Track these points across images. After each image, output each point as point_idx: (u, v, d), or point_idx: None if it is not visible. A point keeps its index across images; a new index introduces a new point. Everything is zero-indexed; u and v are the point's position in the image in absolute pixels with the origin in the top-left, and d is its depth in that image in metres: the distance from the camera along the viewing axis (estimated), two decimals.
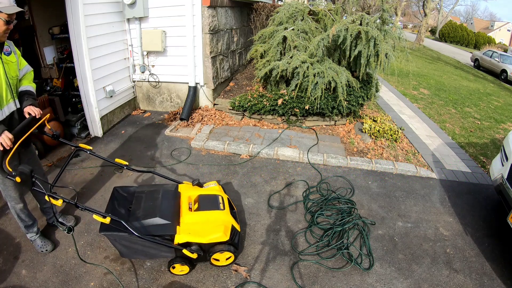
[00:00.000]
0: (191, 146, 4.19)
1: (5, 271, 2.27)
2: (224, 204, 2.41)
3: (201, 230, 2.20)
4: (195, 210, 2.33)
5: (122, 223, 1.99)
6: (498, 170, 3.07)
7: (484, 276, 2.47)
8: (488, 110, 7.16)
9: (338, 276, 2.38)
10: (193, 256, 2.17)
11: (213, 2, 4.62)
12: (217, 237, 2.18)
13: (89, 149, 2.30)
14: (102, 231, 2.09)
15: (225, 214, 2.32)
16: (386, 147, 4.30)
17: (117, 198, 2.34)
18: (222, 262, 2.36)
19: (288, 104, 4.56)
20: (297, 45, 4.73)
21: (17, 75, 2.19)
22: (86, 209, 1.98)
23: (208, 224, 2.24)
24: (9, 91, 2.08)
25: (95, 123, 4.25)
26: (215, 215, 2.29)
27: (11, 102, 2.10)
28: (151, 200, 2.29)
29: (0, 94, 2.02)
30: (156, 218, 2.14)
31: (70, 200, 1.98)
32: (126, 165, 2.43)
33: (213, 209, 2.32)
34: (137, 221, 2.12)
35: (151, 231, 2.11)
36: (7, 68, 2.06)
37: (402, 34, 4.90)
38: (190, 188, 2.56)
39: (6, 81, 2.04)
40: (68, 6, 3.68)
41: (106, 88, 4.41)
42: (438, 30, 32.20)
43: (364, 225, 2.90)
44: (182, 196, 2.44)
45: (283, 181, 3.54)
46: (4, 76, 2.02)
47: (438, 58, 17.89)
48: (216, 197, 2.47)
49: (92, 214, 1.95)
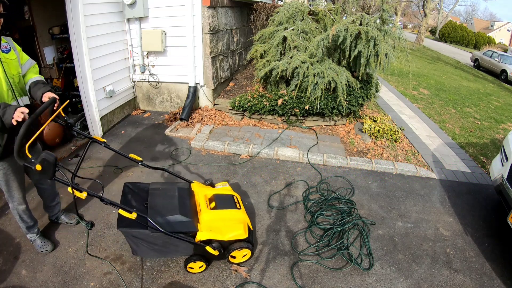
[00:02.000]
0: (191, 146, 4.19)
1: (5, 271, 2.27)
2: (239, 204, 2.48)
3: (222, 227, 2.24)
4: (212, 208, 2.36)
5: (147, 219, 1.97)
6: (498, 170, 3.07)
7: (484, 276, 2.47)
8: (488, 110, 7.16)
9: (338, 276, 2.38)
10: (215, 253, 2.19)
11: (213, 2, 4.62)
12: (237, 235, 2.24)
13: (103, 141, 2.25)
14: (121, 228, 2.05)
15: (242, 213, 2.41)
16: (386, 147, 4.30)
17: (130, 194, 2.32)
18: (239, 259, 2.40)
19: (288, 104, 4.56)
20: (297, 45, 4.73)
21: (19, 72, 2.09)
22: (111, 203, 1.93)
23: (227, 222, 2.29)
24: (11, 91, 2.00)
25: (95, 123, 4.25)
26: (233, 213, 2.35)
27: (13, 102, 2.02)
28: (168, 198, 2.29)
29: (1, 94, 1.94)
30: (178, 215, 2.14)
31: (95, 193, 1.92)
32: (141, 161, 2.42)
33: (230, 208, 2.38)
34: (160, 217, 2.10)
35: (174, 228, 2.09)
36: (7, 67, 1.97)
37: (402, 34, 4.90)
38: (203, 187, 2.60)
39: (7, 80, 1.96)
40: (68, 6, 3.68)
41: (106, 88, 4.41)
42: (438, 30, 32.21)
43: (364, 225, 2.90)
44: (196, 195, 2.47)
45: (283, 181, 3.54)
46: (3, 75, 1.94)
47: (438, 58, 17.89)
48: (231, 196, 2.53)
49: (117, 209, 1.92)
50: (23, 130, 1.70)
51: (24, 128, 1.70)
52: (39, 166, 1.71)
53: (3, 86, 1.94)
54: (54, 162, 1.75)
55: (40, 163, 1.71)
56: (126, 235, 2.13)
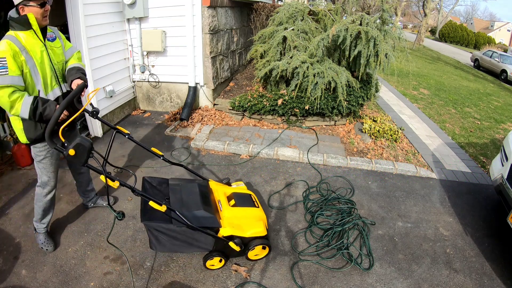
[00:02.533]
0: (191, 146, 4.19)
1: (5, 271, 2.27)
2: (257, 202, 2.53)
3: (242, 224, 2.30)
4: (232, 206, 2.40)
5: (176, 212, 1.99)
6: (498, 170, 3.07)
7: (484, 276, 2.47)
8: (488, 110, 7.16)
9: (338, 276, 2.38)
10: (237, 248, 2.23)
11: (213, 2, 4.62)
12: (258, 232, 2.32)
13: (127, 133, 2.29)
14: (145, 221, 2.06)
15: (261, 211, 2.47)
16: (386, 147, 4.30)
17: (150, 189, 2.33)
18: (257, 256, 2.44)
19: (288, 104, 4.56)
20: (297, 45, 4.73)
21: (63, 59, 2.27)
22: (142, 195, 1.94)
23: (248, 219, 2.35)
24: (54, 77, 2.17)
25: (95, 123, 4.25)
26: (253, 211, 2.41)
27: (56, 87, 2.18)
28: (189, 194, 2.31)
29: (45, 80, 2.10)
30: (201, 210, 2.16)
31: (127, 183, 1.90)
32: (162, 155, 2.45)
33: (250, 206, 2.44)
34: (186, 212, 2.11)
35: (199, 222, 2.11)
36: (52, 54, 2.14)
37: (402, 34, 4.90)
38: (220, 185, 2.64)
39: (51, 67, 2.13)
40: (68, 6, 3.68)
41: (106, 88, 4.41)
42: (438, 30, 32.20)
43: (364, 225, 2.90)
44: (215, 192, 2.52)
45: (283, 181, 3.54)
46: (48, 62, 2.11)
47: (438, 58, 17.89)
48: (249, 195, 2.59)
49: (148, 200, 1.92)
50: (55, 115, 1.76)
51: (58, 113, 1.77)
52: (73, 151, 1.68)
53: (48, 72, 2.12)
54: (89, 148, 1.73)
55: (74, 147, 1.69)
56: (148, 228, 2.13)
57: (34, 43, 2.03)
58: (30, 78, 2.03)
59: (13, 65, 1.91)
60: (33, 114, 1.98)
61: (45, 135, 1.71)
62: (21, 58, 1.95)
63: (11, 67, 1.91)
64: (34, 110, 1.97)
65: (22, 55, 1.96)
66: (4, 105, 1.94)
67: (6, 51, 1.89)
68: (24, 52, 1.97)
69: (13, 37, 1.96)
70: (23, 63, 1.97)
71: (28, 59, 1.99)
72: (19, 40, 1.96)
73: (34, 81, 2.06)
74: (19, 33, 1.98)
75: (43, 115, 2.00)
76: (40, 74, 2.07)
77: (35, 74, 2.05)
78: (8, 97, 1.90)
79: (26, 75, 2.00)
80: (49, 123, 1.72)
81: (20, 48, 1.95)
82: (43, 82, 2.09)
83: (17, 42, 1.95)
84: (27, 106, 1.95)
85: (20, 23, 1.97)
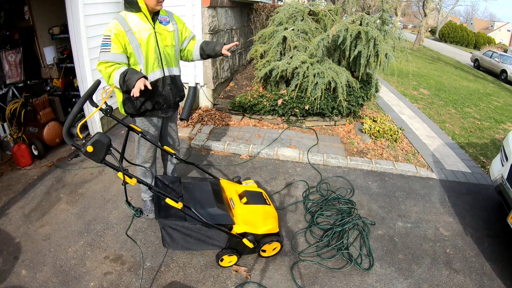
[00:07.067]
0: (191, 146, 4.19)
1: (5, 271, 2.27)
2: (268, 200, 2.55)
3: (255, 222, 2.31)
4: (244, 203, 2.42)
5: (192, 210, 2.00)
6: (498, 170, 3.07)
7: (484, 276, 2.47)
8: (488, 110, 7.16)
9: (338, 277, 2.38)
10: (250, 245, 2.25)
11: (213, 2, 4.62)
12: (270, 229, 2.33)
13: (140, 131, 2.36)
14: (160, 218, 2.08)
15: (272, 208, 2.50)
16: (386, 147, 4.30)
17: (162, 187, 2.36)
18: (269, 253, 2.46)
19: (288, 104, 4.56)
20: (297, 45, 4.73)
21: (173, 44, 2.31)
22: (160, 192, 1.96)
23: (260, 216, 2.36)
24: (158, 60, 2.23)
25: (95, 123, 4.25)
26: (265, 208, 2.44)
27: (157, 70, 2.25)
28: (202, 192, 2.34)
29: (147, 61, 2.18)
30: (215, 208, 2.18)
31: (144, 181, 1.91)
32: (174, 154, 2.49)
33: (261, 203, 2.46)
34: (201, 209, 2.13)
35: (214, 220, 2.13)
36: (160, 38, 2.20)
37: (402, 34, 4.91)
38: (231, 184, 2.66)
39: (157, 50, 2.19)
40: (68, 6, 3.68)
41: (106, 87, 4.40)
42: (438, 30, 32.20)
43: (364, 225, 2.90)
44: (227, 190, 2.55)
45: (283, 181, 3.54)
46: (155, 45, 2.18)
47: (438, 58, 17.90)
48: (260, 193, 2.61)
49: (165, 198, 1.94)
50: (74, 110, 1.71)
51: (77, 108, 1.72)
52: (91, 148, 1.64)
53: (151, 54, 2.18)
54: (108, 145, 1.71)
55: (92, 144, 1.65)
56: (163, 226, 2.13)
57: (143, 25, 2.11)
58: (133, 58, 2.14)
59: (116, 43, 2.03)
60: (123, 81, 2.04)
61: (63, 131, 1.68)
62: (125, 38, 2.06)
63: (114, 45, 2.03)
64: (124, 78, 2.03)
65: (126, 36, 2.05)
66: (104, 77, 2.10)
67: (112, 30, 2.02)
68: (129, 33, 2.06)
69: (122, 17, 2.07)
70: (126, 43, 2.07)
71: (132, 40, 2.08)
72: (127, 21, 2.07)
73: (138, 61, 2.16)
74: (129, 14, 2.09)
75: (126, 83, 2.02)
76: (143, 55, 2.15)
77: (139, 55, 2.14)
78: (105, 69, 2.06)
79: (131, 54, 2.13)
80: (67, 118, 1.68)
81: (125, 29, 2.05)
82: (145, 63, 2.18)
83: (124, 23, 2.05)
84: (118, 74, 2.04)
85: (131, 5, 2.07)
